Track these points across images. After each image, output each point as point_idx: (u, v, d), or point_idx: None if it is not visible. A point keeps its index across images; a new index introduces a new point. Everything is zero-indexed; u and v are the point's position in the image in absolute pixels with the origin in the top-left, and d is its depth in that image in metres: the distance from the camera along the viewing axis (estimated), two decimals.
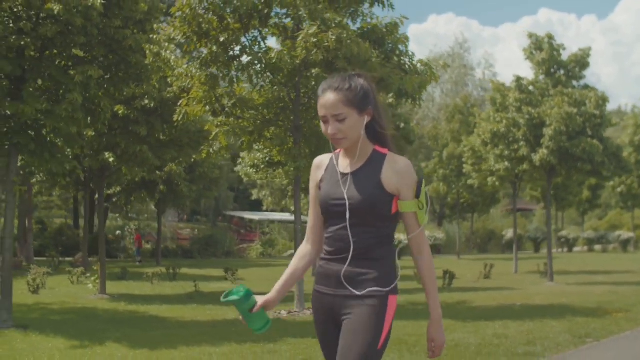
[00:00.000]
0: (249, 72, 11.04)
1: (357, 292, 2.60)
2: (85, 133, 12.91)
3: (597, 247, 43.58)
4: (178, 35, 10.80)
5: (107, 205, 30.73)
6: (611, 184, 36.94)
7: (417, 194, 2.64)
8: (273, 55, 10.15)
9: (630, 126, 37.00)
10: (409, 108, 31.85)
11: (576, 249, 44.85)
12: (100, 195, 16.23)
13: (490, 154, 19.74)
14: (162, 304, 13.61)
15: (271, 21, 11.15)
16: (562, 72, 19.20)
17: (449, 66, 35.87)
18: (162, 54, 11.98)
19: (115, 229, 36.93)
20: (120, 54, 10.17)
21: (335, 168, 2.74)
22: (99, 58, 10.23)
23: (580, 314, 10.97)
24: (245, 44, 11.25)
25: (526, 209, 50.88)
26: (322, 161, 2.83)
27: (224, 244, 38.31)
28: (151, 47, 11.53)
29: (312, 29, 9.81)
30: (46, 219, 37.87)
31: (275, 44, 12.15)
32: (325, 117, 2.65)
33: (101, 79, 10.12)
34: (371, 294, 2.59)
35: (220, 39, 10.84)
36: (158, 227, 31.25)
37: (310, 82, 10.94)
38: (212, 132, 11.71)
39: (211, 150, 12.45)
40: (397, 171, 2.63)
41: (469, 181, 26.88)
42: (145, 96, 13.45)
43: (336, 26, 10.00)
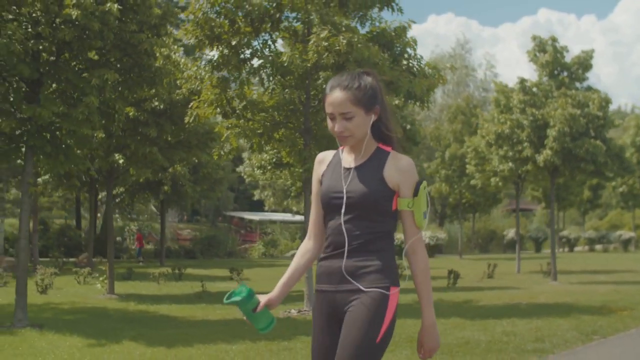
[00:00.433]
0: (259, 75, 11.19)
1: (360, 285, 2.57)
2: (95, 135, 13.07)
3: (598, 247, 43.78)
4: (190, 39, 10.94)
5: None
6: (612, 184, 37.11)
7: (415, 193, 2.63)
8: (285, 58, 10.31)
9: (632, 127, 37.22)
10: (411, 109, 31.98)
11: (577, 248, 45.00)
12: (108, 196, 16.38)
13: (494, 154, 19.90)
14: (171, 303, 13.75)
15: (282, 25, 11.31)
16: (566, 74, 19.37)
17: (456, 69, 36.00)
18: (172, 57, 12.14)
19: (116, 230, 36.96)
20: (135, 57, 10.33)
21: (339, 163, 2.73)
22: (114, 61, 10.38)
23: (585, 312, 11.14)
24: (256, 47, 11.41)
25: (527, 208, 50.97)
26: (325, 156, 2.83)
27: (226, 244, 38.43)
28: (162, 49, 11.68)
29: (324, 33, 9.96)
30: (47, 220, 37.91)
31: (282, 47, 12.31)
32: (332, 114, 2.64)
33: (116, 82, 10.27)
34: (373, 286, 2.56)
35: (231, 42, 10.99)
36: (161, 228, 31.26)
37: (321, 84, 11.09)
38: (223, 134, 11.85)
39: (222, 152, 12.61)
40: (400, 168, 2.63)
41: (472, 181, 27.01)
42: (155, 98, 13.62)
43: (346, 30, 10.17)
